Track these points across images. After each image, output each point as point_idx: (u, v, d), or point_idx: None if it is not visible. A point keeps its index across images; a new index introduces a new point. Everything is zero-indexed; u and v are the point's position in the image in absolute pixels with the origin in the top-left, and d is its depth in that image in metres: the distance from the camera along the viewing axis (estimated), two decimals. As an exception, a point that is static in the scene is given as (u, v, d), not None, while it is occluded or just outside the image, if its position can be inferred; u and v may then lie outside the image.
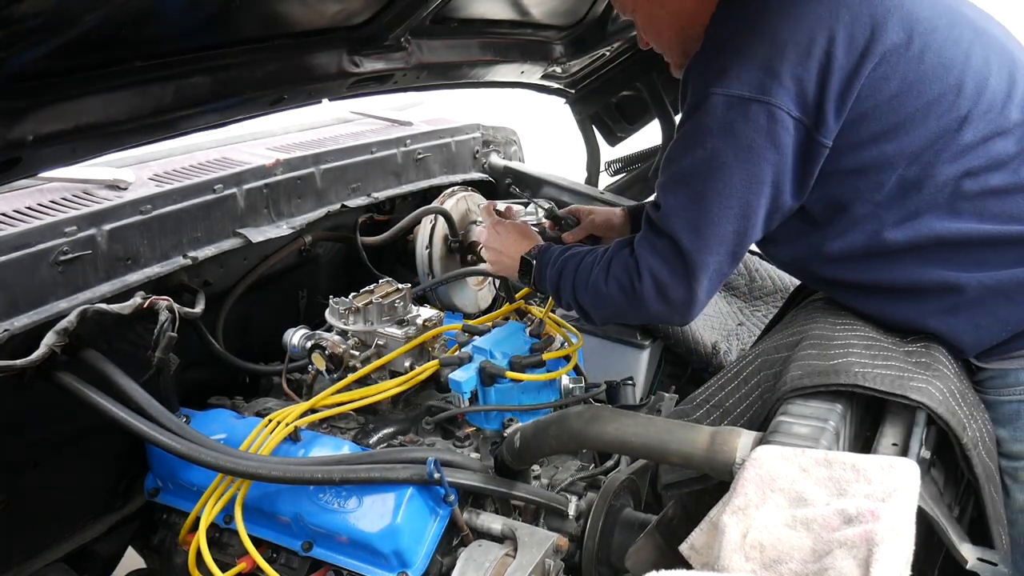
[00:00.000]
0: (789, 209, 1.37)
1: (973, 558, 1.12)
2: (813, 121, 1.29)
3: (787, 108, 1.27)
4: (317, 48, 1.72)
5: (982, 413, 1.35)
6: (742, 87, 1.29)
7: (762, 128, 1.28)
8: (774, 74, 1.27)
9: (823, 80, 1.27)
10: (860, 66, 1.27)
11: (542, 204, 2.40)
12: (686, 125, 1.37)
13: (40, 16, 1.01)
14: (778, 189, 1.33)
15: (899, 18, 1.28)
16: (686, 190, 1.35)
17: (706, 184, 1.33)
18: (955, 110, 1.29)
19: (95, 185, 1.78)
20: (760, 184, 1.31)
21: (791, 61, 1.27)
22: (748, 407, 1.41)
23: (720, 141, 1.31)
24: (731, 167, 1.31)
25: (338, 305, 1.83)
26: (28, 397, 1.50)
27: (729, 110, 1.29)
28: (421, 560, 1.46)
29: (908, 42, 1.28)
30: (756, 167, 1.30)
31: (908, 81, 1.28)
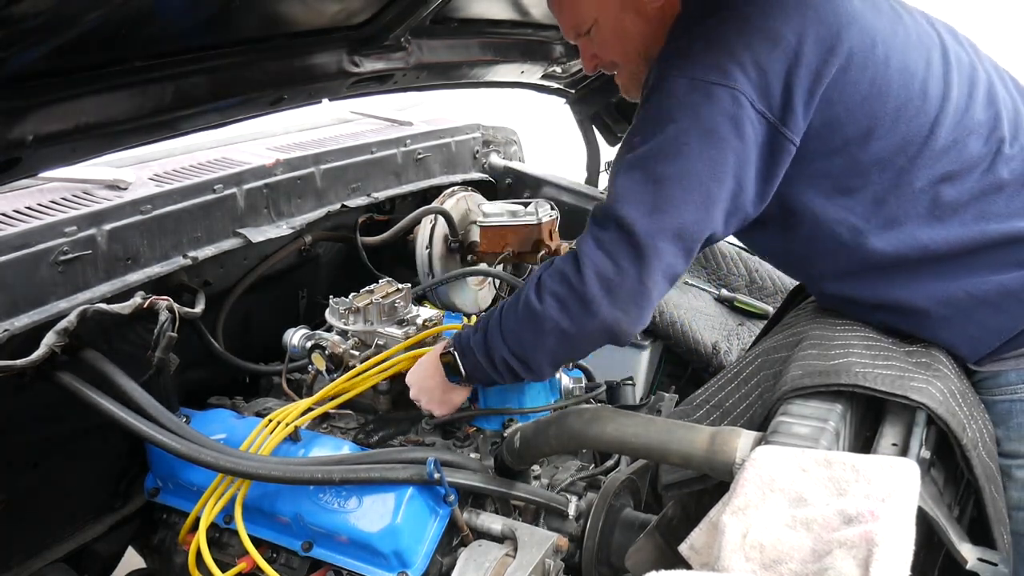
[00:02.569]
0: (748, 213, 1.31)
1: (973, 558, 1.12)
2: (779, 115, 1.25)
3: (751, 97, 1.23)
4: (317, 48, 1.72)
5: (982, 413, 1.35)
6: (706, 72, 1.24)
7: (727, 112, 1.23)
8: (738, 61, 1.24)
9: (790, 73, 1.24)
10: (827, 63, 1.25)
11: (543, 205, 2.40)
12: (644, 108, 1.31)
13: (40, 16, 1.01)
14: (739, 184, 1.26)
15: (860, 26, 1.28)
16: (643, 173, 1.26)
17: (666, 166, 1.24)
18: (923, 115, 1.29)
19: (95, 185, 1.78)
20: (723, 173, 1.24)
21: (756, 51, 1.24)
22: (748, 407, 1.41)
23: (683, 123, 1.24)
24: (693, 150, 1.24)
25: (338, 305, 1.83)
26: (28, 397, 1.50)
27: (692, 92, 1.24)
28: (421, 560, 1.46)
29: (872, 46, 1.27)
30: (720, 153, 1.24)
31: (876, 85, 1.27)
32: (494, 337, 1.39)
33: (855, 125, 1.28)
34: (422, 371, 1.60)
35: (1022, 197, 1.30)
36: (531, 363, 1.38)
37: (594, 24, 1.45)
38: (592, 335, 1.30)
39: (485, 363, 1.42)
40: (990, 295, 1.31)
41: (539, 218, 2.37)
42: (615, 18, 1.43)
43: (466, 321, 2.16)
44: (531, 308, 1.31)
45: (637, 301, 1.27)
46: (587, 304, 1.26)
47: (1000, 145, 1.30)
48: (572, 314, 1.28)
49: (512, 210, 2.38)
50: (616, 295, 1.26)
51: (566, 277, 1.28)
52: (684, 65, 1.26)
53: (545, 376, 1.44)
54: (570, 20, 1.49)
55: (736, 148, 1.24)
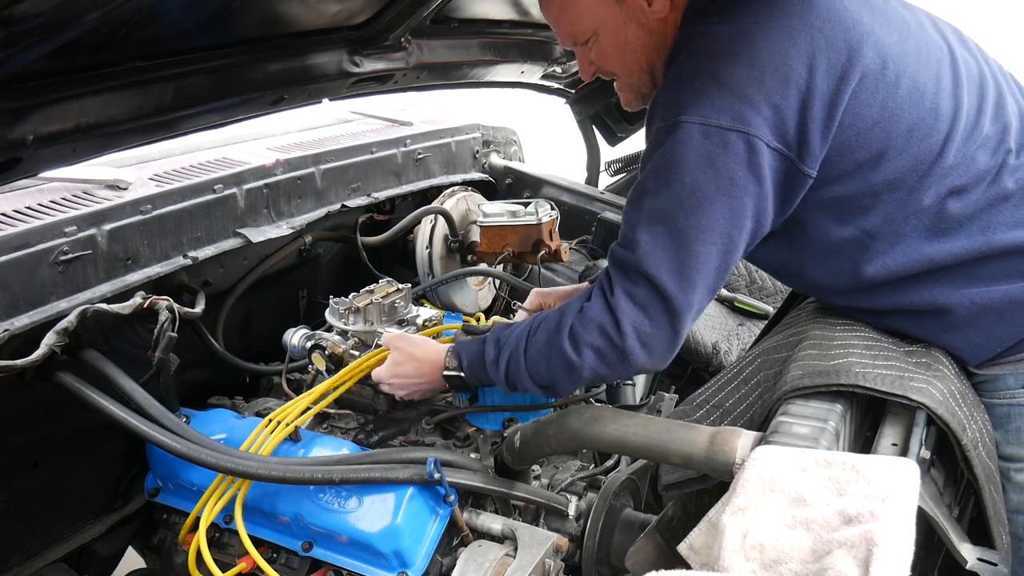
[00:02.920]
0: (762, 235, 1.32)
1: (973, 558, 1.12)
2: (796, 151, 1.24)
3: (766, 139, 1.22)
4: (317, 48, 1.72)
5: (982, 414, 1.35)
6: (719, 116, 1.21)
7: (743, 160, 1.22)
8: (752, 102, 1.21)
9: (804, 108, 1.22)
10: (840, 91, 1.23)
11: (543, 205, 2.40)
12: (657, 155, 1.28)
13: (40, 16, 1.01)
14: (759, 222, 1.27)
15: (872, 43, 1.25)
16: (664, 228, 1.25)
17: (688, 220, 1.24)
18: (935, 134, 1.27)
19: (95, 185, 1.79)
20: (743, 219, 1.25)
21: (769, 89, 1.21)
22: (748, 407, 1.41)
23: (700, 175, 1.23)
24: (713, 202, 1.23)
25: (338, 305, 1.83)
26: (28, 397, 1.50)
27: (707, 140, 1.22)
28: (421, 560, 1.46)
29: (883, 67, 1.25)
30: (739, 201, 1.24)
31: (888, 108, 1.25)
32: (519, 376, 1.40)
33: (867, 149, 1.26)
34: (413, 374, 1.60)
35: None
36: (557, 390, 1.41)
37: (594, 35, 1.42)
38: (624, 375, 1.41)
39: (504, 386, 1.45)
40: (995, 303, 1.31)
41: (539, 218, 2.37)
42: (617, 30, 1.40)
43: (466, 321, 2.16)
44: (567, 359, 1.32)
45: (671, 347, 1.31)
46: (625, 356, 1.29)
47: (1007, 156, 1.29)
48: (610, 363, 1.31)
49: (512, 210, 2.38)
50: (652, 346, 1.29)
51: (605, 331, 1.29)
52: (696, 109, 1.23)
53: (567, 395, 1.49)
54: (567, 29, 1.45)
55: (754, 192, 1.24)
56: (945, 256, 1.30)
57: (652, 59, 1.42)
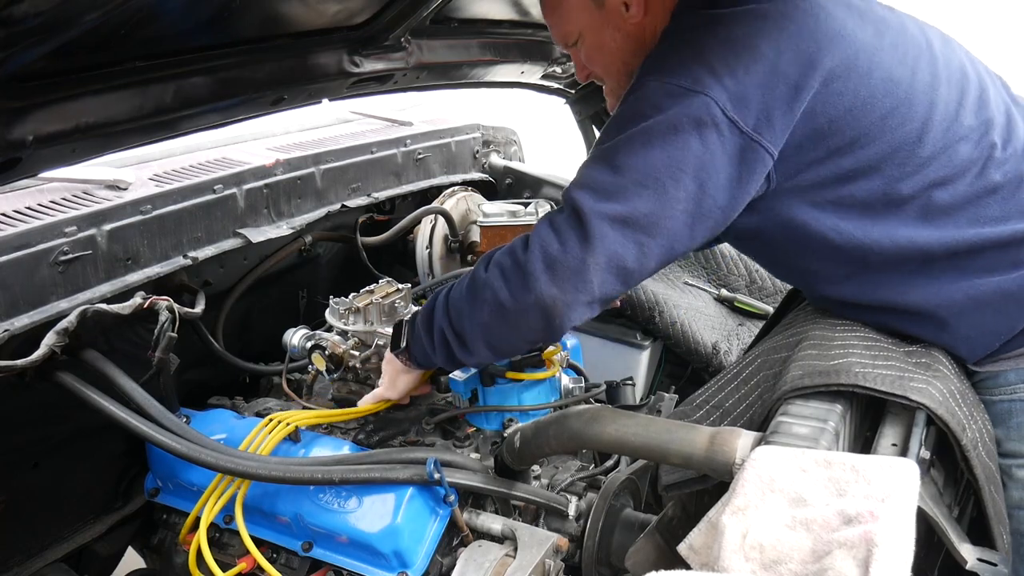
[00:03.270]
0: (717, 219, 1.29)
1: (973, 558, 1.12)
2: (754, 124, 1.25)
3: (723, 105, 1.23)
4: (317, 48, 1.72)
5: (982, 413, 1.36)
6: (680, 78, 1.25)
7: (693, 116, 1.23)
8: (714, 72, 1.24)
9: (767, 85, 1.24)
10: (807, 77, 1.25)
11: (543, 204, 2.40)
12: (617, 111, 1.33)
13: (40, 16, 1.01)
14: (702, 188, 1.25)
15: (844, 36, 1.28)
16: (604, 163, 1.28)
17: (626, 158, 1.26)
18: (909, 123, 1.29)
19: (95, 185, 1.79)
20: (681, 172, 1.24)
21: (733, 64, 1.24)
22: (748, 407, 1.41)
23: (649, 121, 1.25)
24: (655, 145, 1.24)
25: (338, 305, 1.83)
26: (28, 397, 1.50)
27: (665, 96, 1.26)
28: (421, 560, 1.46)
29: (855, 58, 1.27)
30: (680, 152, 1.24)
31: (860, 96, 1.27)
32: (438, 309, 1.41)
33: (839, 135, 1.28)
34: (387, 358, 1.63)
35: (1016, 199, 1.30)
36: (465, 338, 1.37)
37: (580, 37, 1.47)
38: (526, 311, 1.28)
39: (424, 335, 1.44)
40: (988, 297, 1.32)
41: (539, 218, 2.37)
42: (597, 34, 1.45)
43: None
44: (475, 277, 1.34)
45: (575, 282, 1.26)
46: (526, 276, 1.26)
47: (992, 150, 1.31)
48: (511, 285, 1.28)
49: (512, 210, 2.38)
50: (555, 271, 1.26)
51: (513, 250, 1.31)
52: (660, 71, 1.28)
53: (477, 356, 1.40)
54: (558, 31, 1.52)
55: (698, 151, 1.24)
56: (934, 245, 1.31)
57: (630, 63, 1.45)
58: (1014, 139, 1.33)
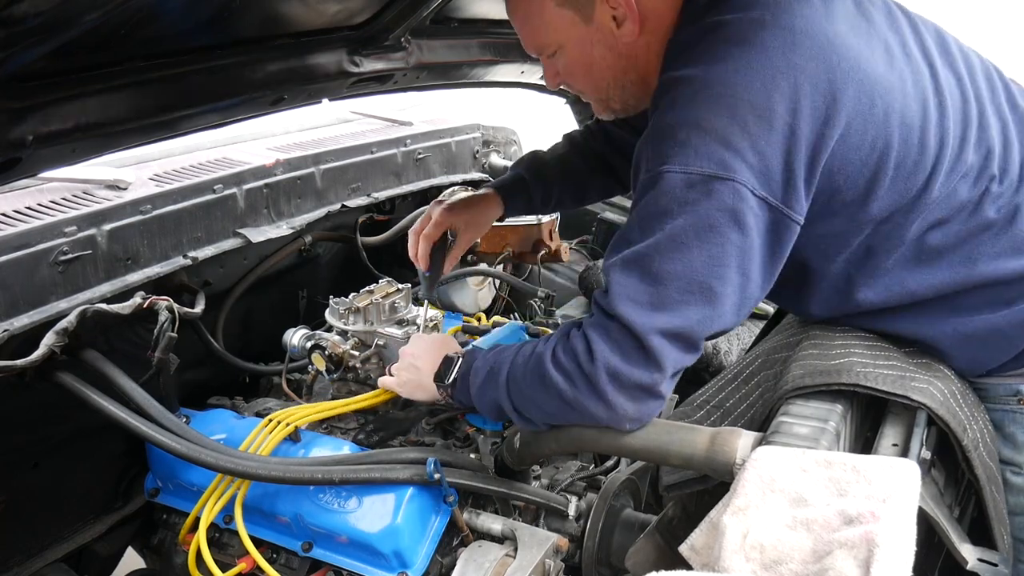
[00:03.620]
0: (757, 297, 1.24)
1: (973, 559, 1.12)
2: (782, 198, 1.18)
3: (751, 186, 1.15)
4: (317, 48, 1.72)
5: (983, 414, 1.36)
6: (702, 163, 1.15)
7: (726, 207, 1.15)
8: (735, 149, 1.15)
9: (789, 153, 1.16)
10: (825, 136, 1.17)
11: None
12: (639, 207, 1.23)
13: (40, 16, 1.01)
14: (745, 276, 1.19)
15: (857, 81, 1.18)
16: (640, 271, 1.19)
17: (663, 265, 1.17)
18: (921, 169, 1.24)
19: (95, 185, 1.79)
20: (725, 268, 1.17)
21: (753, 136, 1.15)
22: (749, 407, 1.41)
23: (680, 220, 1.16)
24: (692, 248, 1.16)
25: (338, 305, 1.83)
26: (28, 397, 1.50)
27: (689, 189, 1.16)
28: (421, 560, 1.46)
29: (871, 106, 1.19)
30: (721, 249, 1.16)
31: (877, 147, 1.21)
32: (496, 378, 1.35)
33: (855, 189, 1.23)
34: (422, 351, 1.55)
35: (1008, 235, 1.27)
36: (526, 415, 1.35)
37: (559, 49, 1.38)
38: (595, 414, 1.25)
39: (475, 393, 1.40)
40: (978, 332, 1.31)
41: (539, 218, 2.37)
42: (583, 49, 1.36)
43: (466, 321, 2.16)
44: (543, 373, 1.27)
45: (644, 395, 1.23)
46: (593, 387, 1.22)
47: (989, 184, 1.27)
48: (579, 391, 1.24)
49: (512, 210, 2.37)
50: (625, 387, 1.22)
51: (575, 355, 1.24)
52: (678, 158, 1.18)
53: (535, 427, 1.38)
54: (531, 39, 1.42)
55: (738, 242, 1.17)
56: (926, 290, 1.29)
57: (621, 79, 1.39)
58: (1010, 167, 1.29)
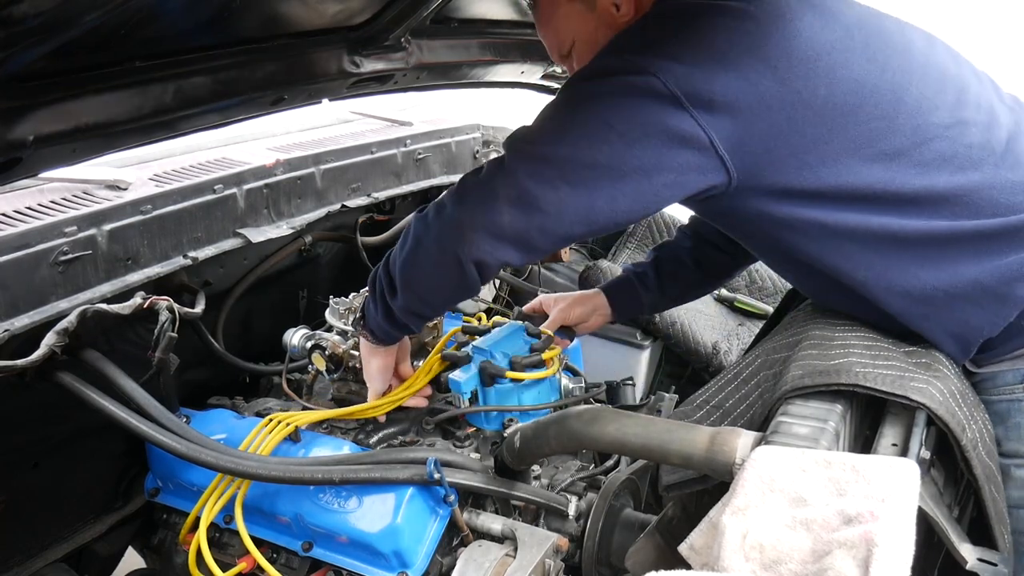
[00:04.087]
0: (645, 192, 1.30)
1: (973, 558, 1.12)
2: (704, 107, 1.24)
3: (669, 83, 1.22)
4: (317, 48, 1.72)
5: (982, 413, 1.36)
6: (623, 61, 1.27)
7: (639, 87, 1.23)
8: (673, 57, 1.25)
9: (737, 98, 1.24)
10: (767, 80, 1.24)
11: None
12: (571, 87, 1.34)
13: (40, 16, 1.01)
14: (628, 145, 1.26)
15: (806, 39, 1.26)
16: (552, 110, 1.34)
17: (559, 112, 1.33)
18: (874, 120, 1.28)
19: (95, 185, 1.79)
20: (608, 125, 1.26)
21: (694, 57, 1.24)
22: (748, 407, 1.41)
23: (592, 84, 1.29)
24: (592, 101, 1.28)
25: (338, 305, 1.83)
26: (28, 397, 1.50)
27: (611, 72, 1.28)
28: (421, 560, 1.46)
29: (815, 61, 1.26)
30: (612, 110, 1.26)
31: (819, 95, 1.26)
32: (380, 266, 1.48)
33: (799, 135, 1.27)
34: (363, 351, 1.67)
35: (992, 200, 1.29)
36: (395, 281, 1.43)
37: (573, 45, 1.49)
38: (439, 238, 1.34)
39: (369, 296, 1.52)
40: (963, 289, 1.31)
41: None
42: (590, 36, 1.45)
43: (466, 321, 2.16)
44: (409, 227, 1.41)
45: (483, 206, 1.29)
46: (439, 207, 1.35)
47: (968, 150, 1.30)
48: (427, 220, 1.37)
49: (512, 210, 2.37)
50: (465, 196, 1.33)
51: (441, 201, 1.37)
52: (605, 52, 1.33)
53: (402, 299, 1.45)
54: (553, 42, 1.53)
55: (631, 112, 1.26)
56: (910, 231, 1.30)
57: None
58: (994, 141, 1.32)
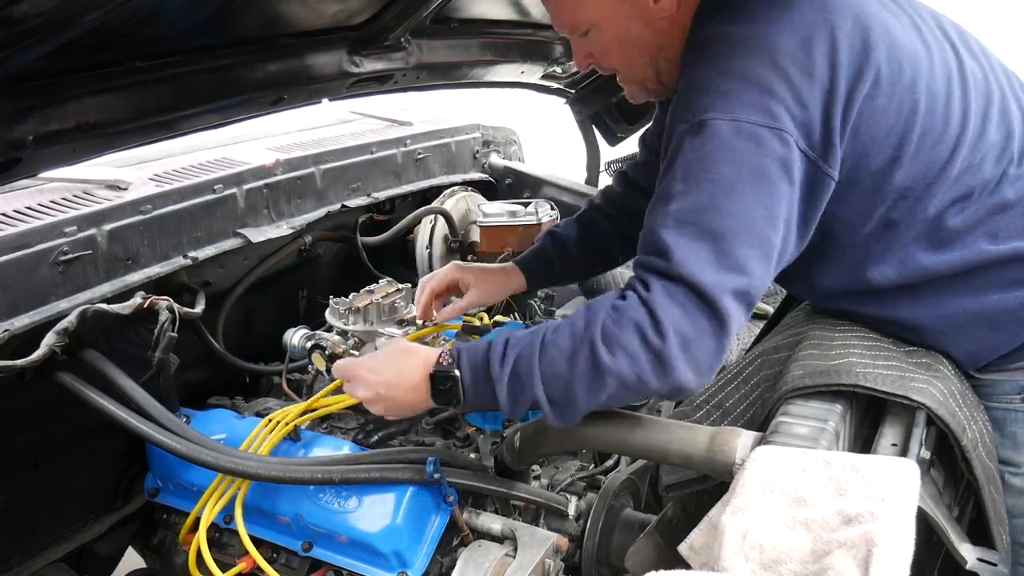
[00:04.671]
0: (793, 255, 1.23)
1: (972, 558, 1.12)
2: (821, 153, 1.17)
3: (796, 138, 1.14)
4: (317, 48, 1.72)
5: (983, 414, 1.36)
6: (749, 112, 1.13)
7: (777, 156, 1.13)
8: (780, 99, 1.14)
9: (828, 107, 1.16)
10: (856, 90, 1.17)
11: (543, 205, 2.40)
12: (682, 157, 1.17)
13: (40, 16, 1.01)
14: (788, 229, 1.17)
15: (888, 44, 1.20)
16: (696, 228, 1.13)
17: (721, 220, 1.12)
18: (944, 142, 1.24)
19: (95, 185, 1.79)
20: (777, 220, 1.14)
21: (796, 86, 1.15)
22: (748, 407, 1.41)
23: (731, 171, 1.13)
24: (747, 198, 1.13)
25: (338, 305, 1.83)
26: (28, 397, 1.50)
27: (738, 136, 1.13)
28: (421, 560, 1.46)
29: (900, 70, 1.20)
30: (774, 200, 1.14)
31: (903, 113, 1.21)
32: (529, 378, 1.19)
33: (880, 155, 1.22)
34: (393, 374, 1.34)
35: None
36: (567, 409, 1.21)
37: (593, 27, 1.35)
38: (650, 391, 1.16)
39: (504, 400, 1.22)
40: (988, 313, 1.30)
41: (539, 218, 2.37)
42: (619, 25, 1.33)
43: (466, 321, 2.15)
44: (596, 358, 1.14)
45: (711, 362, 1.15)
46: (664, 362, 1.12)
47: (1008, 166, 1.27)
48: (643, 371, 1.13)
49: (512, 210, 2.38)
50: (695, 354, 1.12)
51: (642, 330, 1.12)
52: (724, 106, 1.14)
53: (572, 421, 1.23)
54: (566, 18, 1.38)
55: (787, 192, 1.15)
56: (941, 267, 1.28)
57: (657, 57, 1.37)
58: None
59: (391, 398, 1.34)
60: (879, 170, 1.23)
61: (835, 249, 1.32)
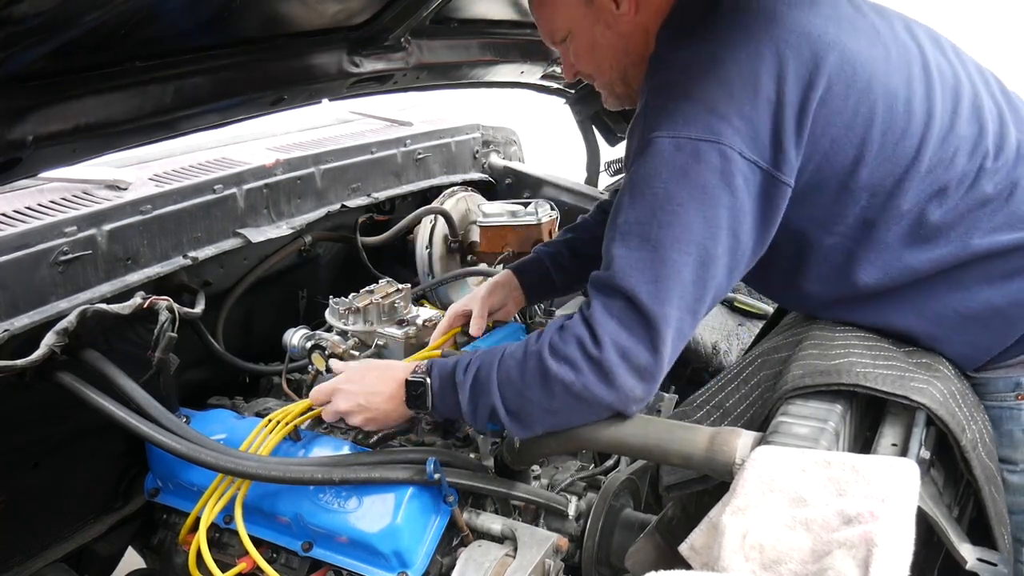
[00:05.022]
0: (749, 261, 1.28)
1: (972, 558, 1.12)
2: (772, 161, 1.22)
3: (739, 148, 1.20)
4: (317, 48, 1.72)
5: (982, 414, 1.36)
6: (689, 129, 1.21)
7: (715, 169, 1.20)
8: (722, 115, 1.20)
9: (776, 117, 1.21)
10: (808, 99, 1.22)
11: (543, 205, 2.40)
12: (630, 173, 1.26)
13: (40, 16, 1.01)
14: (736, 238, 1.23)
15: (838, 51, 1.24)
16: (637, 239, 1.22)
17: (660, 230, 1.20)
18: (909, 137, 1.27)
19: (95, 185, 1.79)
20: (717, 230, 1.21)
21: (739, 102, 1.21)
22: (748, 407, 1.41)
23: (672, 184, 1.20)
24: (687, 209, 1.20)
25: (338, 305, 1.83)
26: (28, 397, 1.50)
27: (678, 152, 1.21)
28: (421, 560, 1.46)
29: (853, 73, 1.25)
30: (712, 211, 1.20)
31: (860, 113, 1.25)
32: (487, 384, 1.31)
33: (843, 156, 1.26)
34: (371, 384, 1.46)
35: (1005, 211, 1.29)
36: (524, 419, 1.31)
37: (569, 34, 1.45)
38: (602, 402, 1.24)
39: (466, 405, 1.35)
40: (978, 312, 1.32)
41: (539, 218, 2.37)
42: (587, 30, 1.42)
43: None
44: (543, 366, 1.25)
45: (652, 369, 1.22)
46: (606, 373, 1.21)
47: (984, 160, 1.29)
48: (587, 379, 1.22)
49: (512, 210, 2.38)
50: (633, 361, 1.21)
51: (582, 343, 1.22)
52: (667, 125, 1.23)
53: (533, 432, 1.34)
54: (546, 27, 1.49)
55: (728, 203, 1.21)
56: (926, 264, 1.30)
57: (623, 62, 1.44)
58: (1006, 146, 1.31)
59: (372, 407, 1.46)
60: (844, 170, 1.27)
61: (814, 252, 1.35)
